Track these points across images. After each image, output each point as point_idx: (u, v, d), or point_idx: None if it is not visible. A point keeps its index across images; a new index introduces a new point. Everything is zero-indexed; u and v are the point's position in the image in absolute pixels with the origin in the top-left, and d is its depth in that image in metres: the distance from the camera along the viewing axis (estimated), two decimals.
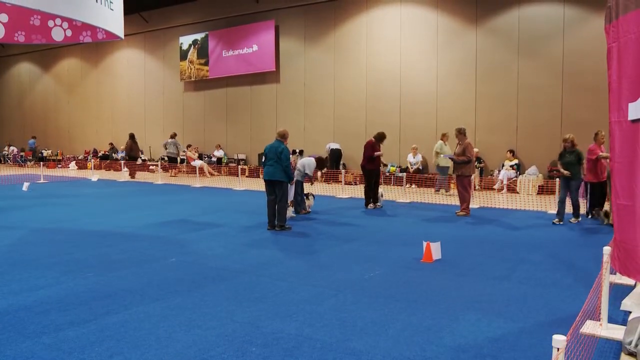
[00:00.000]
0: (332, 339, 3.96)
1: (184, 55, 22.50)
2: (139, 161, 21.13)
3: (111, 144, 25.08)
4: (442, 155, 14.02)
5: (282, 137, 8.74)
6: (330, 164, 18.00)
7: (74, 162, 25.09)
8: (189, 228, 8.86)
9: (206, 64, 21.82)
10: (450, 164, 13.84)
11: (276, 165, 8.53)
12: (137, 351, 3.71)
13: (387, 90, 17.49)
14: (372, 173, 11.34)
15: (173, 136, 20.64)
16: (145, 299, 4.90)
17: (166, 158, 20.79)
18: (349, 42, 18.28)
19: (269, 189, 8.71)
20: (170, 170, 20.38)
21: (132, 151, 20.53)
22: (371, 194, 11.41)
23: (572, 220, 9.54)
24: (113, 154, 24.61)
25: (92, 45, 25.41)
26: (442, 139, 14.68)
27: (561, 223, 9.36)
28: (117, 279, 5.59)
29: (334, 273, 5.92)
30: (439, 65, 16.54)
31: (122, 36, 8.72)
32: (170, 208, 11.35)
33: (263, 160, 8.93)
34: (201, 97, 22.52)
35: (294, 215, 10.07)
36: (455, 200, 11.11)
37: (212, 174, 19.86)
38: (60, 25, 8.97)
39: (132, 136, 20.58)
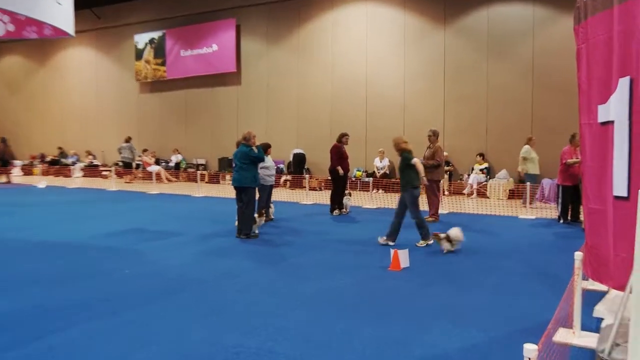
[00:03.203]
0: (296, 353, 3.81)
1: (139, 54, 21.81)
2: (19, 164, 21.69)
3: (60, 148, 24.12)
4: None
5: (245, 139, 8.60)
6: (294, 169, 17.77)
7: (19, 167, 23.92)
8: (145, 237, 8.49)
9: (163, 64, 21.21)
10: (539, 171, 12.18)
11: (242, 171, 8.43)
12: None
13: (353, 91, 17.32)
14: (340, 178, 11.15)
15: (128, 140, 19.89)
16: (96, 314, 4.61)
17: (120, 163, 20.10)
18: (314, 42, 18.06)
19: (237, 196, 8.60)
20: (124, 176, 19.71)
21: (5, 155, 20.51)
22: (337, 200, 11.23)
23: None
24: (62, 159, 23.69)
25: (37, 41, 24.10)
26: (528, 143, 12.07)
27: (390, 244, 7.68)
28: (65, 294, 5.25)
29: (299, 283, 5.73)
30: (406, 65, 16.43)
31: (73, 33, 8.24)
32: (125, 216, 10.89)
33: (233, 166, 8.80)
34: (158, 98, 21.88)
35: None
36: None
37: (169, 180, 19.35)
38: (1, 19, 8.37)
39: (3, 140, 20.38)
